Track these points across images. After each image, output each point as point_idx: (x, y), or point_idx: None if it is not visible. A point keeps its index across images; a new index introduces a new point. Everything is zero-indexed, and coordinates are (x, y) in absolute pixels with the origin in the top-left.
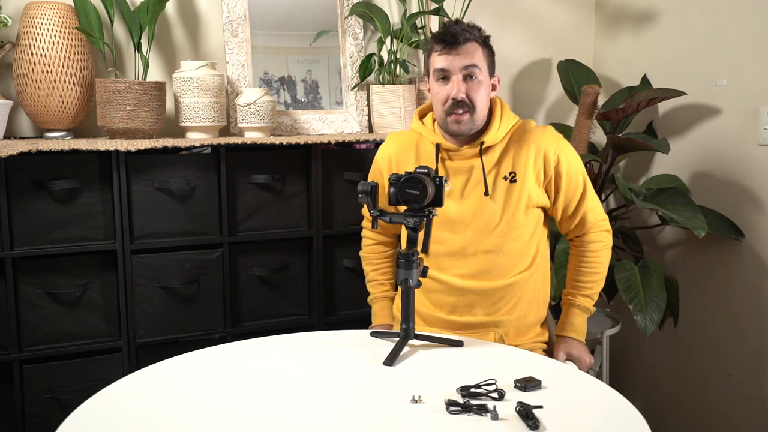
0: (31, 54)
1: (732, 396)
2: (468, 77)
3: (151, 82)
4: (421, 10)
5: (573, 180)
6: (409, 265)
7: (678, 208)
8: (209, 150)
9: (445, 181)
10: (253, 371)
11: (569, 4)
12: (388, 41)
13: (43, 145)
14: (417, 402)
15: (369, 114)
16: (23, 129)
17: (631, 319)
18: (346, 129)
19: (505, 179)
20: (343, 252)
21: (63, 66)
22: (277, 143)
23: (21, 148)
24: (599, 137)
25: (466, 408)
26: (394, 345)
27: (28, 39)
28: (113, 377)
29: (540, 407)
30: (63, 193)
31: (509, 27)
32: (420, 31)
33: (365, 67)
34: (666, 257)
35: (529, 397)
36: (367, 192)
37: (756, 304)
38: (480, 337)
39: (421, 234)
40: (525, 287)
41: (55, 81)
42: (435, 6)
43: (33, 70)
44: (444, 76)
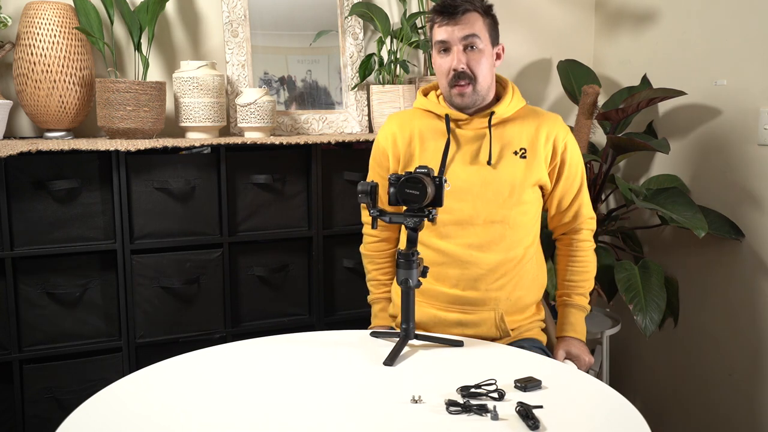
0: (31, 54)
1: (732, 396)
2: (468, 47)
3: (151, 82)
4: (421, 10)
5: (574, 170)
6: (409, 265)
7: (678, 208)
8: (209, 150)
9: (445, 181)
10: (253, 371)
11: (569, 4)
12: (388, 41)
13: (43, 145)
14: (417, 402)
15: (369, 114)
16: (23, 129)
17: (631, 319)
18: (346, 129)
19: (515, 154)
20: (343, 252)
21: (63, 66)
22: (277, 143)
23: (21, 148)
24: (599, 137)
25: (466, 408)
26: (394, 345)
27: (28, 39)
28: (113, 377)
29: (540, 407)
30: (63, 193)
31: (509, 27)
32: (420, 31)
33: (365, 67)
34: (666, 257)
35: (529, 397)
36: (367, 192)
37: (756, 304)
38: (479, 318)
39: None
40: (527, 266)
41: (55, 81)
42: None
43: (33, 70)
44: (445, 47)
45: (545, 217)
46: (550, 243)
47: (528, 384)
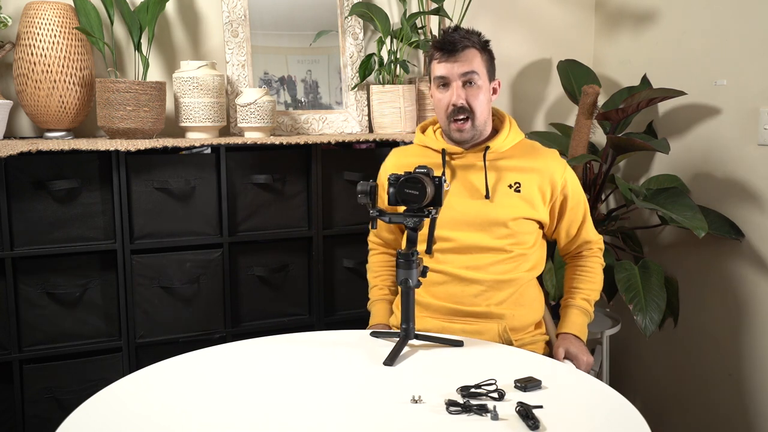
0: (31, 54)
1: (732, 396)
2: (467, 83)
3: (151, 82)
4: (421, 10)
5: (576, 201)
6: (409, 265)
7: (678, 208)
8: (209, 150)
9: (444, 181)
10: (253, 371)
11: (569, 4)
12: (388, 41)
13: (43, 145)
14: (417, 402)
15: (369, 114)
16: (23, 129)
17: (631, 319)
18: (346, 129)
19: (510, 188)
20: (343, 252)
21: (63, 66)
22: (277, 143)
23: (21, 148)
24: (599, 137)
25: (466, 408)
26: (394, 345)
27: (28, 39)
28: (113, 377)
29: (540, 407)
30: (63, 193)
31: (509, 27)
32: (420, 31)
33: (365, 67)
34: (666, 257)
35: (529, 397)
36: (367, 192)
37: (756, 304)
38: (483, 327)
39: (421, 234)
40: (528, 285)
41: (55, 81)
42: (435, 6)
43: (33, 70)
44: (444, 83)
45: (552, 244)
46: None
47: (528, 384)
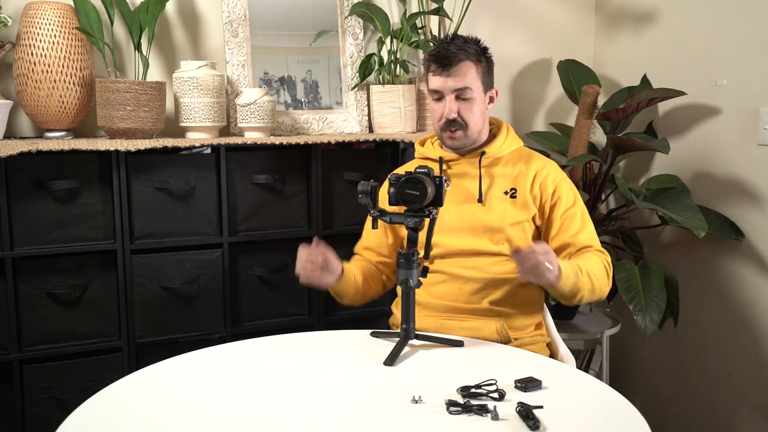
0: (31, 54)
1: (732, 396)
2: (460, 97)
3: (151, 82)
4: (421, 10)
5: (567, 205)
6: (410, 265)
7: (678, 208)
8: (209, 150)
9: (445, 181)
10: (253, 371)
11: (569, 4)
12: (388, 41)
13: (43, 145)
14: (417, 402)
15: (369, 114)
16: (23, 129)
17: (631, 319)
18: (346, 129)
19: (506, 194)
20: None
21: (63, 66)
22: (277, 143)
23: (21, 148)
24: (599, 137)
25: (466, 408)
26: (394, 345)
27: (28, 39)
28: (113, 377)
29: (540, 407)
30: (63, 193)
31: (509, 27)
32: (420, 31)
33: (365, 67)
34: (666, 257)
35: (530, 398)
36: (367, 192)
37: (756, 304)
38: (481, 325)
39: (422, 235)
40: (528, 286)
41: (55, 81)
42: (435, 6)
43: (33, 70)
44: (438, 96)
45: None
46: None
47: (528, 384)
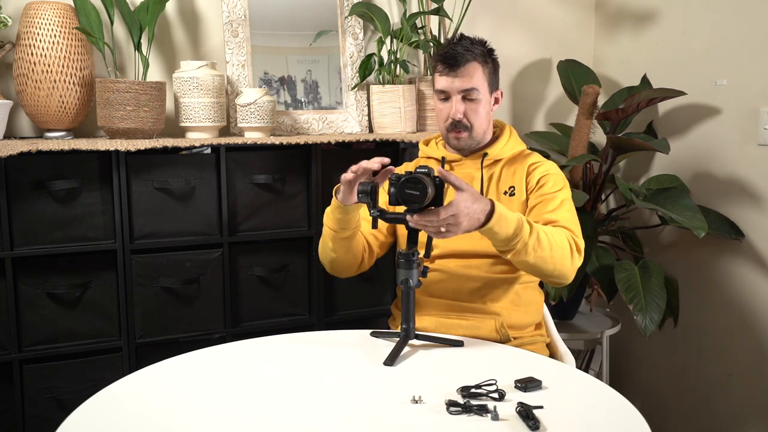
0: (31, 54)
1: (732, 396)
2: (466, 98)
3: (151, 82)
4: (421, 10)
5: (550, 190)
6: (410, 265)
7: (678, 208)
8: (209, 150)
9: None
10: (253, 371)
11: (569, 4)
12: (388, 41)
13: (43, 145)
14: (417, 402)
15: (369, 114)
16: (23, 129)
17: (631, 319)
18: (346, 129)
19: (506, 194)
20: None
21: (63, 66)
22: (277, 143)
23: (21, 148)
24: (599, 137)
25: (466, 408)
26: (394, 345)
27: (28, 39)
28: (113, 377)
29: (540, 407)
30: (63, 193)
31: (509, 27)
32: (420, 31)
33: (365, 67)
34: (666, 257)
35: (530, 398)
36: (367, 192)
37: (756, 304)
38: (480, 323)
39: (422, 235)
40: (527, 287)
41: (55, 81)
42: (435, 6)
43: (33, 70)
44: (444, 97)
45: None
46: None
47: (528, 384)
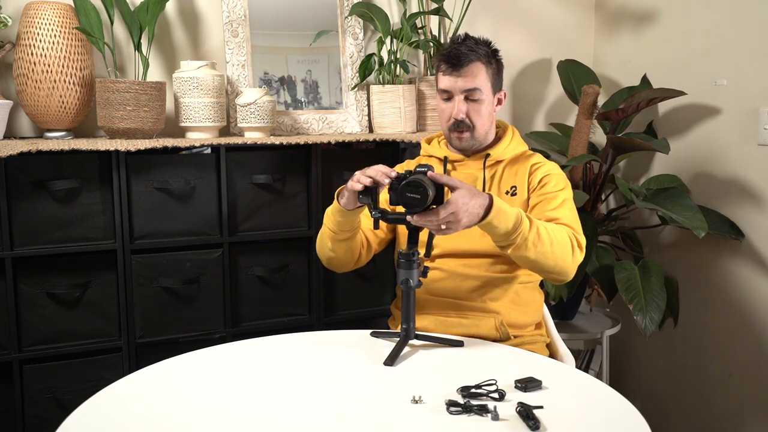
0: (31, 54)
1: (732, 396)
2: (469, 98)
3: (151, 82)
4: (421, 10)
5: (552, 189)
6: (410, 265)
7: (678, 208)
8: (209, 150)
9: None
10: (253, 371)
11: (569, 4)
12: (388, 41)
13: (43, 145)
14: (417, 402)
15: (369, 114)
16: (23, 129)
17: (631, 319)
18: (346, 129)
19: (507, 193)
20: None
21: (63, 66)
22: (277, 143)
23: (21, 148)
24: (599, 137)
25: (466, 408)
26: (394, 345)
27: (28, 39)
28: (113, 377)
29: (540, 408)
30: (63, 193)
31: (509, 27)
32: (420, 31)
33: (365, 67)
34: (666, 257)
35: (530, 398)
36: (368, 193)
37: (756, 304)
38: (479, 322)
39: (422, 235)
40: (526, 287)
41: (55, 81)
42: (435, 6)
43: (33, 70)
44: (447, 96)
45: None
46: None
47: (528, 384)
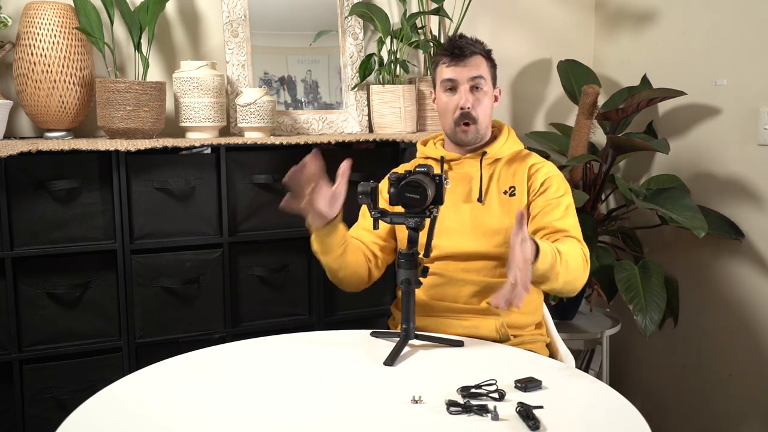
0: (31, 54)
1: (732, 396)
2: (474, 88)
3: (151, 82)
4: (421, 10)
5: (554, 195)
6: (410, 265)
7: (678, 208)
8: (209, 150)
9: (445, 180)
10: (253, 371)
11: (569, 4)
12: (388, 41)
13: (43, 145)
14: (417, 402)
15: (369, 114)
16: (23, 129)
17: (631, 319)
18: (346, 129)
19: (505, 193)
20: None
21: (63, 66)
22: (277, 143)
23: (21, 148)
24: (599, 137)
25: (466, 408)
26: (394, 345)
27: (28, 39)
28: (113, 377)
29: (540, 407)
30: (63, 193)
31: (509, 27)
32: (420, 31)
33: (365, 67)
34: (666, 257)
35: (530, 398)
36: (367, 193)
37: (756, 304)
38: (480, 323)
39: (422, 235)
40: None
41: (55, 81)
42: (435, 6)
43: (33, 70)
44: (452, 86)
45: None
46: None
47: (528, 384)
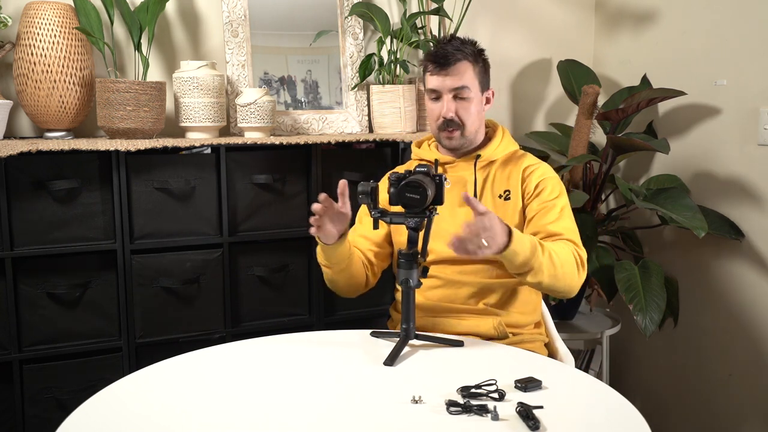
0: (31, 54)
1: (732, 396)
2: (458, 97)
3: (151, 82)
4: (421, 10)
5: (549, 197)
6: (410, 265)
7: (678, 208)
8: (209, 150)
9: (445, 179)
10: (253, 371)
11: (569, 4)
12: (388, 41)
13: (43, 145)
14: (417, 402)
15: (369, 114)
16: (23, 129)
17: (631, 319)
18: (346, 129)
19: (500, 197)
20: None
21: (63, 66)
22: (277, 143)
23: (21, 148)
24: (599, 137)
25: (466, 408)
26: (394, 345)
27: (28, 39)
28: (113, 377)
29: (540, 408)
30: (63, 193)
31: (509, 27)
32: (420, 31)
33: (365, 67)
34: (666, 257)
35: (530, 398)
36: (367, 193)
37: (756, 304)
38: (479, 322)
39: (421, 235)
40: (523, 288)
41: (55, 81)
42: (435, 6)
43: (33, 70)
44: (436, 96)
45: None
46: None
47: (528, 384)
